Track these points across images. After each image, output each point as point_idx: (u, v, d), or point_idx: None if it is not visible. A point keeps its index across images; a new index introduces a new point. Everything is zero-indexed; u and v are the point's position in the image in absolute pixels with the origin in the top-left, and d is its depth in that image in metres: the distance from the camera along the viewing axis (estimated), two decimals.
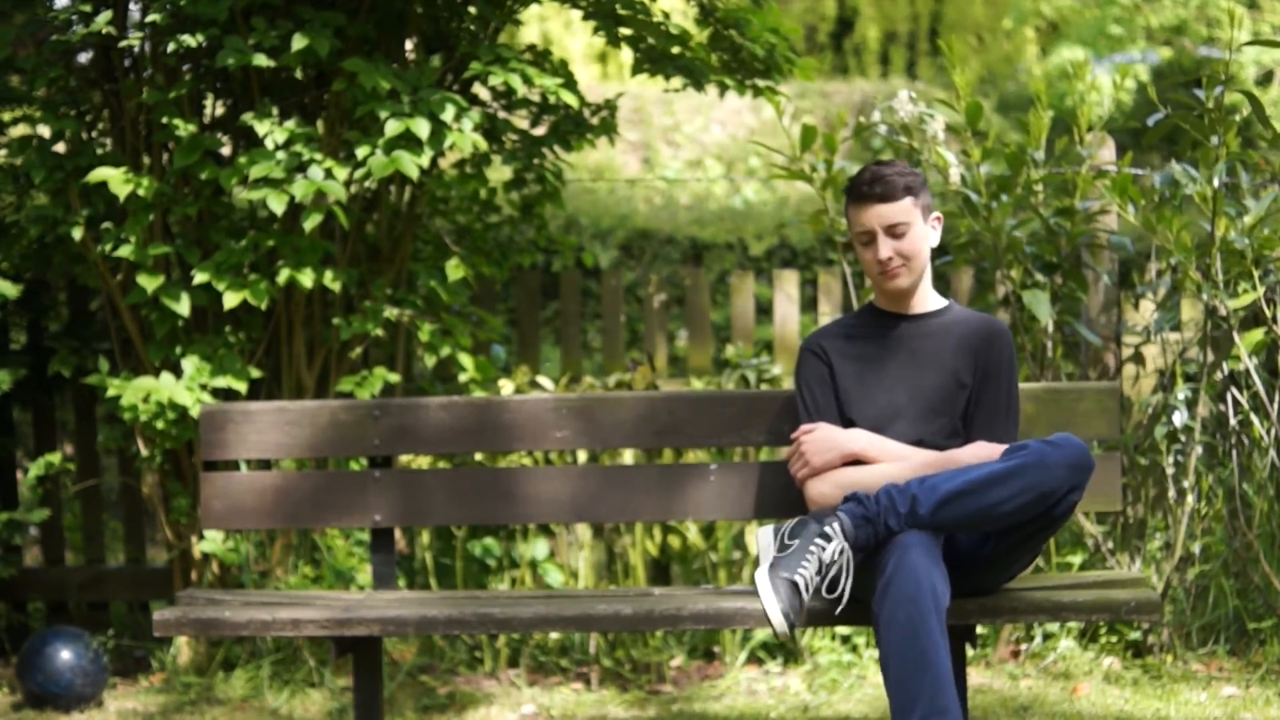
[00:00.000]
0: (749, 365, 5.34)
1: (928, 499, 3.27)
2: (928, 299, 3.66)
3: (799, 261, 7.41)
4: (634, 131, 11.07)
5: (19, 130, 5.11)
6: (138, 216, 4.70)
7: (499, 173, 5.53)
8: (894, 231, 3.55)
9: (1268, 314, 4.61)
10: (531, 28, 11.88)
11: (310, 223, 4.54)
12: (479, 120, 4.63)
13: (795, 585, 3.23)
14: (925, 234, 3.60)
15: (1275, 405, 4.63)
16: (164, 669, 5.02)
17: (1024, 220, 4.86)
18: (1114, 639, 4.84)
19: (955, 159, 4.82)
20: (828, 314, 5.77)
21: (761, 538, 3.35)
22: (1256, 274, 4.52)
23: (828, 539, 3.26)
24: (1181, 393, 4.67)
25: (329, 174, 4.55)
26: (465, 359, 5.05)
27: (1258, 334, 4.54)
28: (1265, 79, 11.22)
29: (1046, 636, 4.89)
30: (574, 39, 12.06)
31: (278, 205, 4.48)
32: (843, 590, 3.27)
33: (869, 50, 13.99)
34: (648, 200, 9.50)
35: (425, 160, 4.50)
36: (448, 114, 4.51)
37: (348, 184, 4.77)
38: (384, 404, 3.97)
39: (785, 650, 5.01)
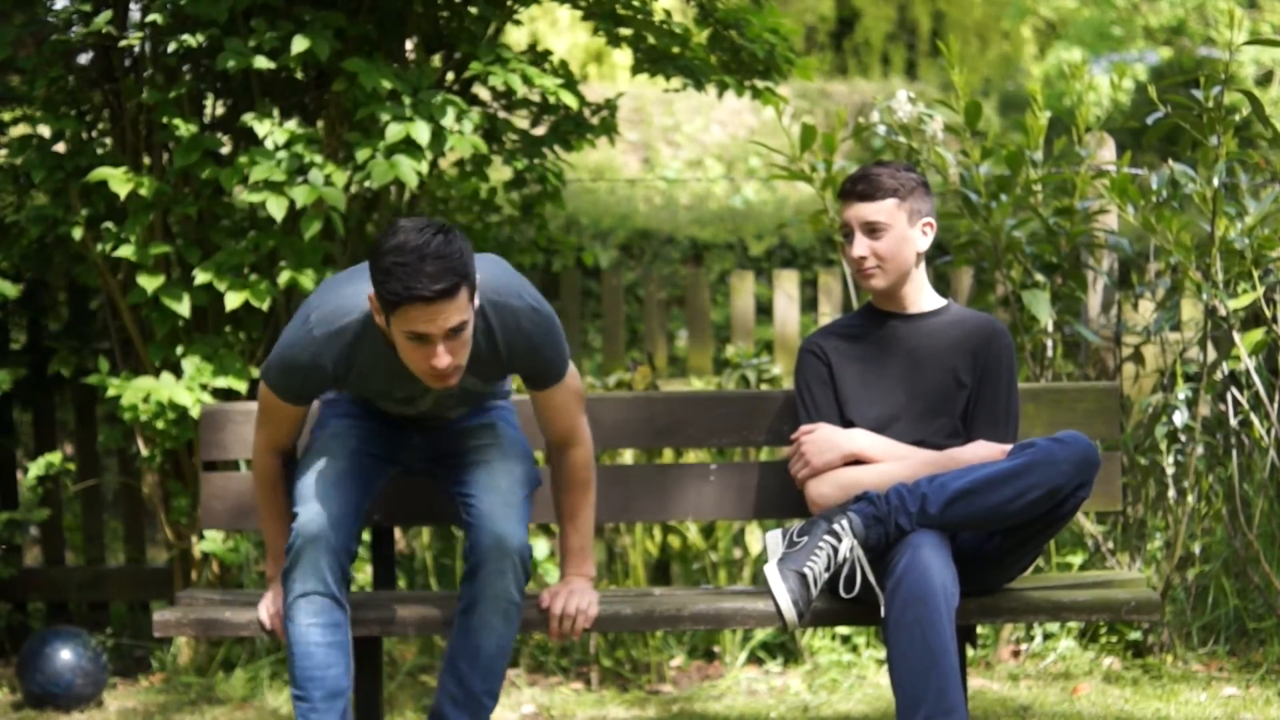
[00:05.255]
0: (749, 365, 5.34)
1: (937, 497, 3.28)
2: (924, 299, 3.65)
3: (799, 261, 7.40)
4: (634, 131, 11.07)
5: (19, 130, 5.10)
6: (138, 216, 4.70)
7: (499, 173, 5.52)
8: (871, 231, 3.55)
9: (1268, 314, 4.61)
10: (517, 28, 11.82)
11: (310, 231, 4.54)
12: (479, 121, 4.63)
13: (804, 577, 3.24)
14: (908, 238, 3.57)
15: (1275, 405, 4.63)
16: (164, 669, 5.03)
17: (1023, 220, 4.86)
18: (1114, 639, 4.84)
19: (954, 159, 4.82)
20: (828, 314, 5.77)
21: (770, 540, 3.36)
22: (1256, 274, 4.52)
23: (837, 536, 3.27)
24: (1181, 393, 4.67)
25: (328, 180, 4.55)
26: None
27: (1258, 334, 4.54)
28: (1265, 79, 11.23)
29: (1046, 636, 4.89)
30: (559, 39, 12.01)
31: (278, 210, 4.48)
32: (860, 588, 3.28)
33: (869, 50, 13.99)
34: (648, 200, 9.49)
35: (424, 166, 4.52)
36: (448, 118, 4.51)
37: (347, 186, 4.77)
38: None
39: (785, 650, 5.00)
